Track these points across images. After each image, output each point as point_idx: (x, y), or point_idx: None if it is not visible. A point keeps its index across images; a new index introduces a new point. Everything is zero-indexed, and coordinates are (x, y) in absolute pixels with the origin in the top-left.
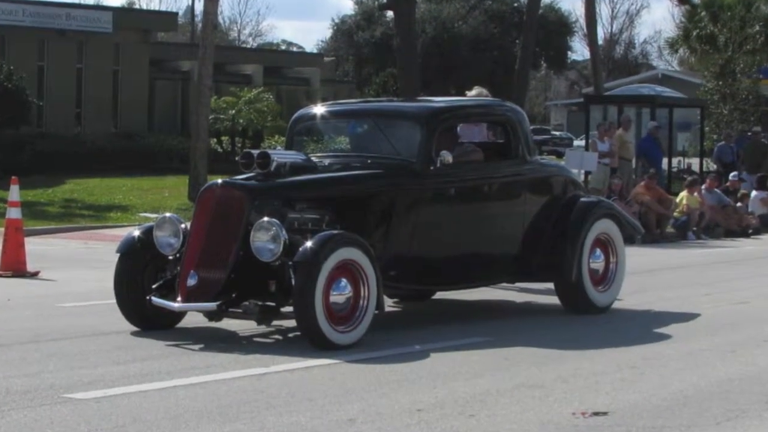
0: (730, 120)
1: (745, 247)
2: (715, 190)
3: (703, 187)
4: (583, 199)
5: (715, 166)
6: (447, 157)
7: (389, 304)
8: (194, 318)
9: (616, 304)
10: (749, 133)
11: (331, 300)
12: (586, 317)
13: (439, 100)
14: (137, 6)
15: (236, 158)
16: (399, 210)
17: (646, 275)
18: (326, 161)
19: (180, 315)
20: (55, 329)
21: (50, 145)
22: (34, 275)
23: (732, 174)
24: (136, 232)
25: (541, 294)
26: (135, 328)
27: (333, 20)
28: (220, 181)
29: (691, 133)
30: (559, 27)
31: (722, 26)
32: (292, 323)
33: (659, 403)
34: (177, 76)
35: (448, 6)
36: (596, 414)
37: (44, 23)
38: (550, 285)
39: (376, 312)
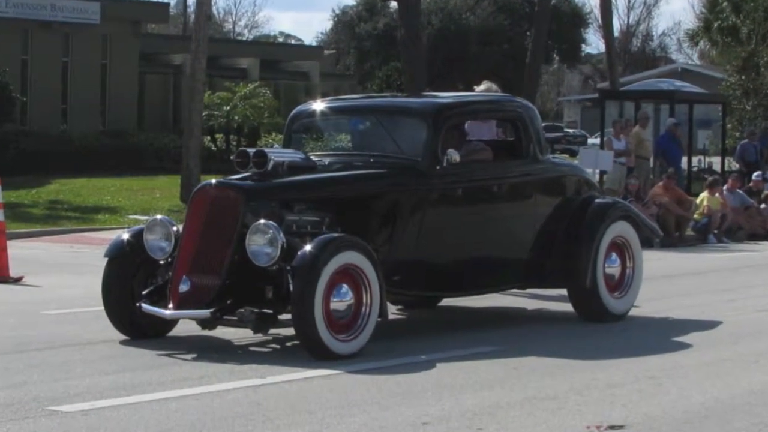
0: (754, 116)
1: None
2: (738, 190)
3: (724, 187)
4: (597, 201)
5: (737, 166)
6: (454, 155)
7: (393, 312)
8: (187, 326)
9: (633, 312)
10: None
11: (331, 307)
12: (601, 325)
13: (446, 96)
14: None
15: (231, 157)
16: (403, 212)
17: (665, 281)
18: (326, 160)
19: (172, 323)
20: (40, 338)
21: (35, 143)
22: (17, 281)
23: (755, 174)
24: (126, 236)
25: (554, 301)
26: (124, 337)
27: (333, 11)
28: (214, 181)
29: (712, 130)
30: (573, 18)
31: (745, 17)
32: (290, 331)
33: (679, 416)
34: (168, 70)
35: None
36: (612, 428)
37: (28, 14)
38: (563, 291)
39: (379, 320)
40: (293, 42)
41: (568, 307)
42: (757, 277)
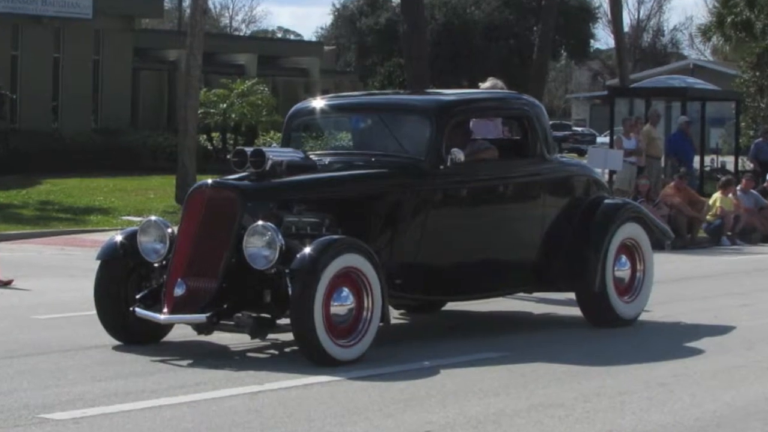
0: None
1: None
2: (752, 191)
3: (738, 187)
4: (607, 201)
5: (751, 165)
6: (458, 155)
7: (395, 316)
8: (182, 331)
9: (644, 316)
10: None
11: (331, 311)
12: (611, 330)
13: (450, 93)
14: None
15: (228, 156)
16: (406, 213)
17: (676, 284)
18: (326, 160)
19: (166, 328)
20: (30, 343)
21: (25, 141)
22: (6, 284)
23: None
24: (119, 238)
25: (562, 305)
26: (117, 342)
27: (334, 5)
28: (210, 181)
29: (726, 128)
30: (581, 13)
31: (759, 12)
32: (289, 337)
33: (691, 424)
34: (163, 66)
35: None
36: None
37: (18, 9)
38: (572, 295)
39: (381, 324)
40: (292, 37)
41: (576, 311)
42: None
